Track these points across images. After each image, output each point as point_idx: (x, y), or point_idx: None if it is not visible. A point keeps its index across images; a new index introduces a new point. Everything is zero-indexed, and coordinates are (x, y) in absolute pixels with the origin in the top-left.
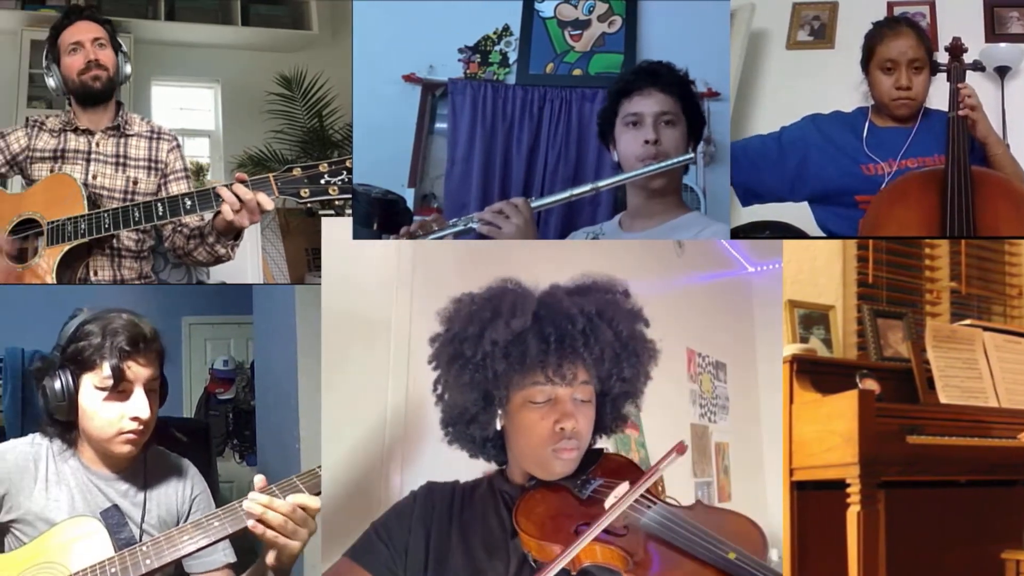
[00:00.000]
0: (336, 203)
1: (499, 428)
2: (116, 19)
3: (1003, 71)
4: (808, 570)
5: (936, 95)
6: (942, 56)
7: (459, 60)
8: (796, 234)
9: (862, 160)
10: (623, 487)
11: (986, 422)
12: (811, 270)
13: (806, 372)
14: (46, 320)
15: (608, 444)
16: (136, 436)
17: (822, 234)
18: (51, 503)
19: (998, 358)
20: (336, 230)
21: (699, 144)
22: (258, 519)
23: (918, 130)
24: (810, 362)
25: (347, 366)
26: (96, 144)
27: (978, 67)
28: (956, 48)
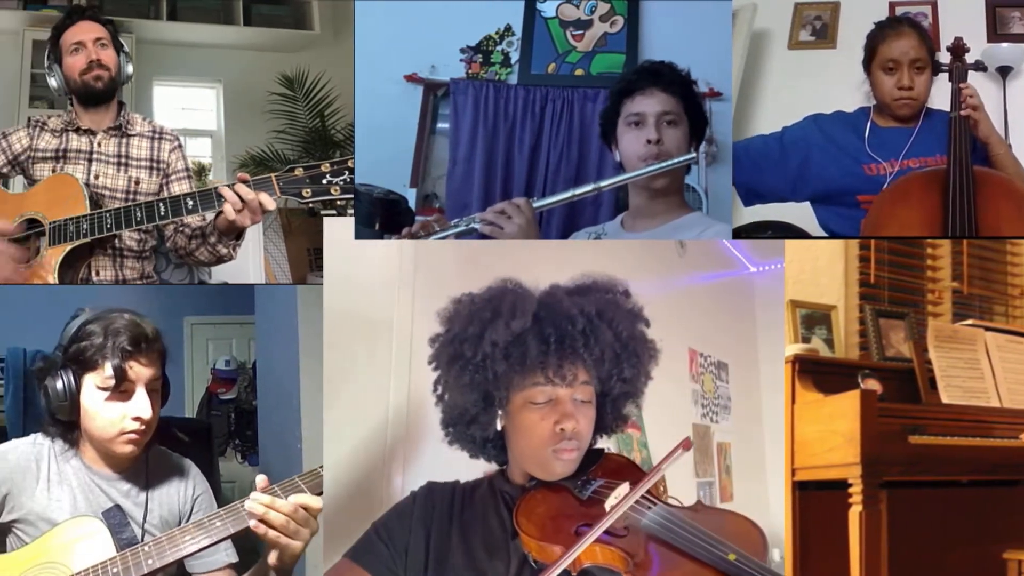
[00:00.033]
0: (338, 203)
1: (499, 429)
2: (118, 19)
3: (1005, 71)
4: (810, 570)
5: (938, 95)
6: (944, 56)
7: (461, 60)
8: (798, 234)
9: (864, 160)
10: (623, 488)
11: (988, 422)
12: (813, 270)
13: (808, 372)
14: (48, 320)
15: (610, 444)
16: (138, 436)
17: (824, 234)
18: (53, 503)
19: (1000, 358)
20: (338, 230)
21: (701, 144)
22: (260, 519)
23: (920, 130)
24: (812, 362)
25: (349, 366)
26: (98, 144)
27: (980, 67)
28: (958, 48)
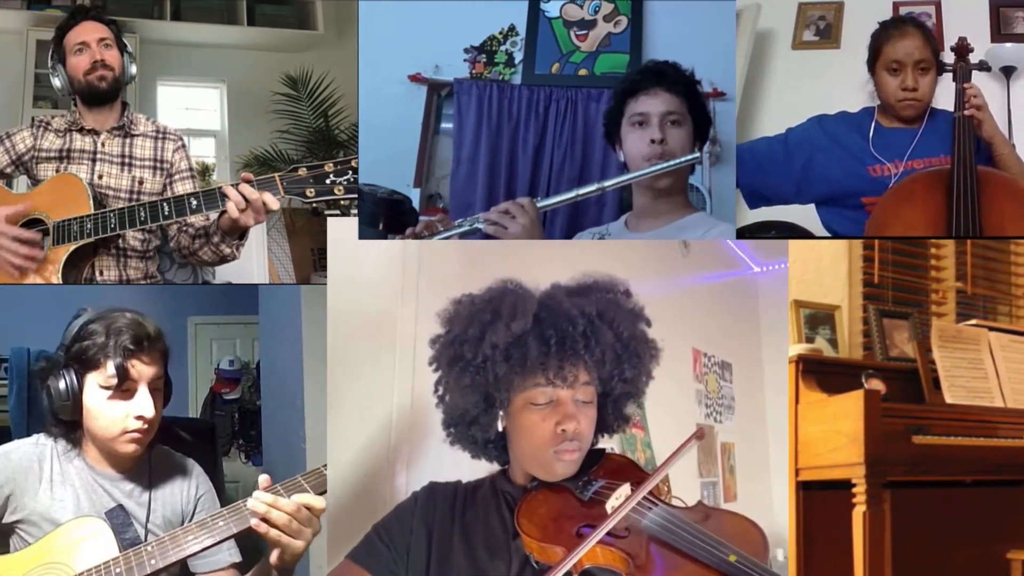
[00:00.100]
0: (342, 203)
1: (501, 429)
2: (121, 19)
3: (1009, 71)
4: (814, 570)
5: (942, 95)
6: (948, 56)
7: (465, 60)
8: (802, 234)
9: (868, 161)
10: (624, 488)
11: (992, 422)
12: (817, 270)
13: (812, 372)
14: (52, 320)
15: (614, 444)
16: (141, 435)
17: (828, 234)
18: (56, 503)
19: (1004, 358)
20: (342, 230)
21: (705, 144)
22: (262, 518)
23: (924, 131)
24: (816, 362)
25: (353, 366)
26: (102, 144)
27: (984, 67)
28: (962, 48)
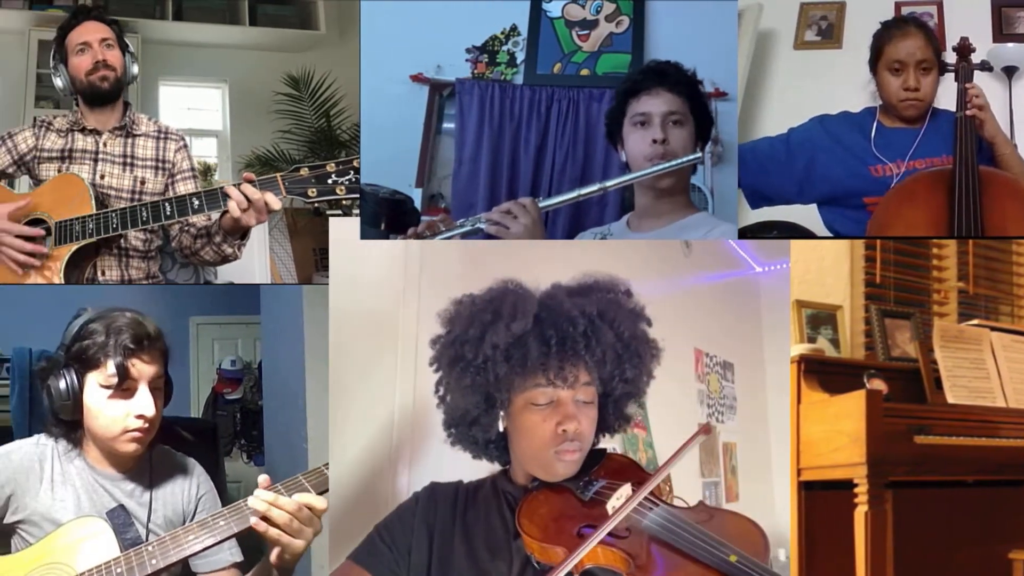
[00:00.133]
0: (344, 203)
1: (501, 430)
2: (123, 19)
3: (1011, 71)
4: (816, 570)
5: (944, 95)
6: (950, 56)
7: (467, 60)
8: (804, 234)
9: (870, 161)
10: (625, 489)
11: (994, 422)
12: (819, 270)
13: (814, 372)
14: (54, 320)
15: (616, 445)
16: (141, 434)
17: (830, 234)
18: (57, 503)
19: (1006, 358)
20: (344, 230)
21: (707, 144)
22: (262, 516)
23: (926, 131)
24: (818, 362)
25: (354, 366)
26: (103, 144)
27: (986, 67)
28: (964, 48)
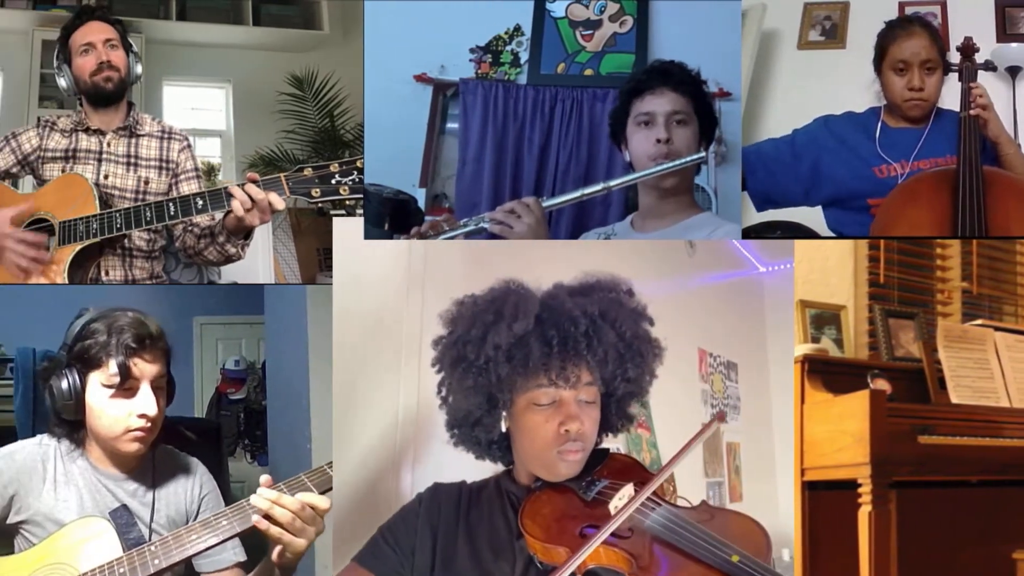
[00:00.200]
0: (347, 203)
1: (504, 430)
2: (127, 19)
3: (1014, 71)
4: (819, 570)
5: (948, 95)
6: (953, 56)
7: (470, 60)
8: (807, 234)
9: (874, 162)
10: (628, 489)
11: (997, 422)
12: (823, 270)
13: (817, 372)
14: (58, 320)
15: (620, 445)
16: (144, 433)
17: (833, 235)
18: (60, 504)
19: (1009, 358)
20: (347, 230)
21: (711, 144)
22: (265, 515)
23: (930, 131)
24: (822, 362)
25: (358, 366)
26: (107, 144)
27: (989, 67)
28: (968, 48)
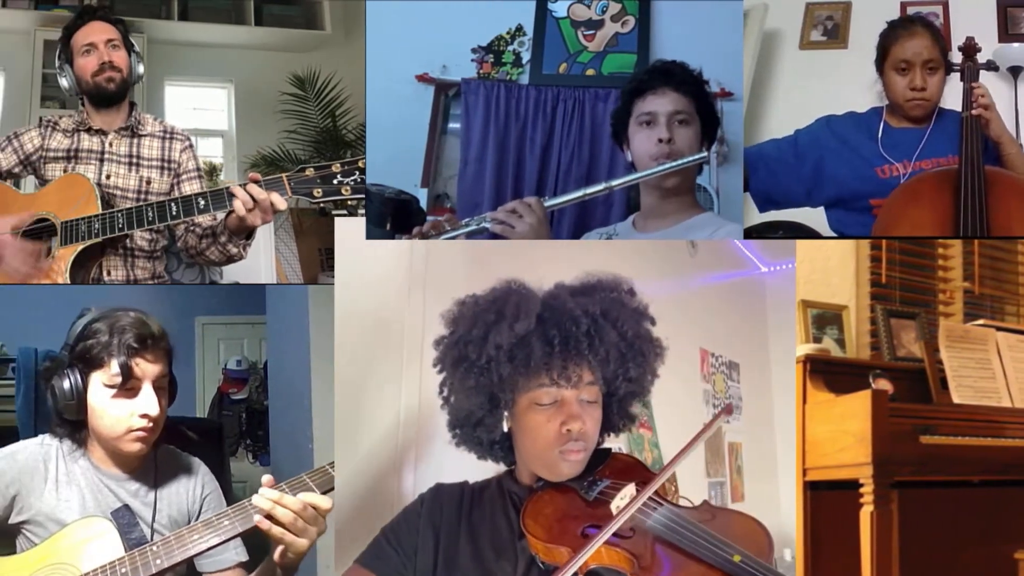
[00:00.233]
0: (349, 203)
1: (506, 430)
2: (129, 19)
3: (1016, 71)
4: (821, 570)
5: (949, 95)
6: (955, 56)
7: (472, 60)
8: (809, 234)
9: (876, 162)
10: (629, 489)
11: (999, 422)
12: (824, 270)
13: (819, 372)
14: (60, 320)
15: (622, 445)
16: (146, 433)
17: (835, 235)
18: (62, 504)
19: (1011, 358)
20: (349, 230)
21: (713, 144)
22: (267, 515)
23: (932, 131)
24: (823, 362)
25: (360, 366)
26: (109, 144)
27: (991, 67)
28: (969, 48)
